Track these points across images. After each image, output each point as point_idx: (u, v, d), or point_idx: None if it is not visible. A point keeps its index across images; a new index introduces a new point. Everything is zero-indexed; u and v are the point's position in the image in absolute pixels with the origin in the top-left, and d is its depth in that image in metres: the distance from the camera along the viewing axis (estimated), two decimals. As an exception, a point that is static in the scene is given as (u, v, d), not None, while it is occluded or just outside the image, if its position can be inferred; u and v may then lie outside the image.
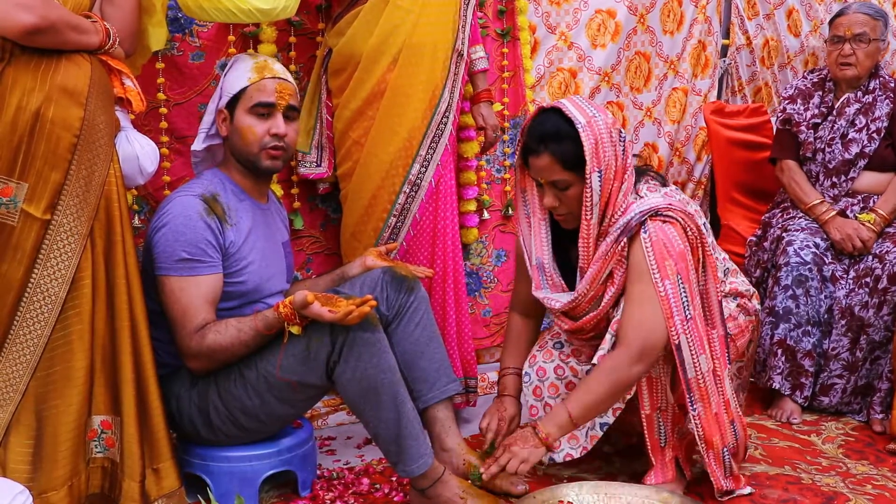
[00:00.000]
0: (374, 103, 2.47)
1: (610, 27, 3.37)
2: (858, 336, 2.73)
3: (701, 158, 3.80)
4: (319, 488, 2.22)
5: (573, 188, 2.06)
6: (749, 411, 2.80)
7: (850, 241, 2.81)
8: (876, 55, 3.01)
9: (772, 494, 2.19)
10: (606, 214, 2.08)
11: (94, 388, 1.90)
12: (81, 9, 1.88)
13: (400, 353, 2.16)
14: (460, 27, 2.53)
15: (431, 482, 2.01)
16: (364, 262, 2.35)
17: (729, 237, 3.38)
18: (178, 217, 2.03)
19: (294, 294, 1.95)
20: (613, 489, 2.01)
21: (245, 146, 2.13)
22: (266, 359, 2.02)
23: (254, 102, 2.12)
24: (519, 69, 3.11)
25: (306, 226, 2.77)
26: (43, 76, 1.78)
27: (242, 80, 2.14)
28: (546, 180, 2.08)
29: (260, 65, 2.16)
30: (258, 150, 2.13)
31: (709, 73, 3.77)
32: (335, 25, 2.51)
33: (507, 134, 3.12)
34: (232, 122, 2.15)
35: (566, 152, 2.02)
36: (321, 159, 2.65)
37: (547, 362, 2.28)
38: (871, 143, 2.97)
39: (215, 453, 2.12)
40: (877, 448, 2.54)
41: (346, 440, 2.60)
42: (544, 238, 2.22)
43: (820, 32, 3.88)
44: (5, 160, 1.77)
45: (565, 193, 2.08)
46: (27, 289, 1.81)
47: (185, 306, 2.01)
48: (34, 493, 1.76)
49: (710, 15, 3.71)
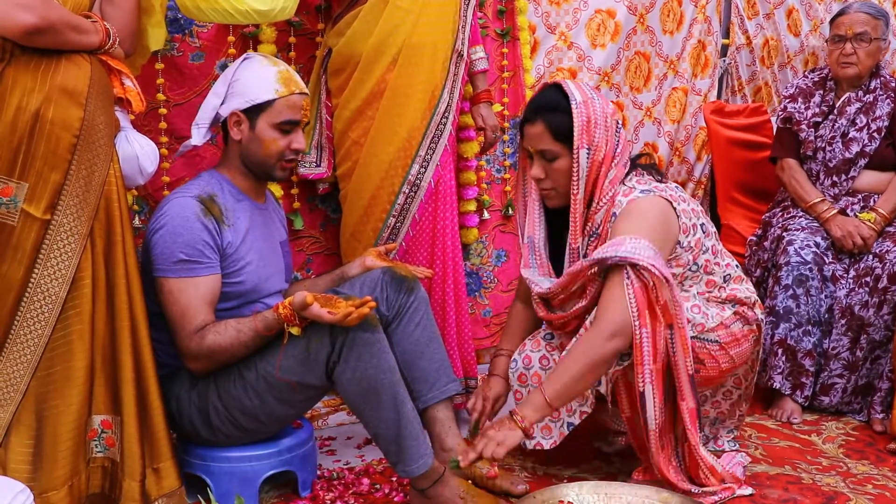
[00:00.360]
0: (373, 103, 2.47)
1: (610, 27, 3.37)
2: (859, 335, 2.73)
3: (701, 158, 3.80)
4: (319, 488, 2.22)
5: (560, 161, 2.12)
6: (749, 411, 2.79)
7: (850, 239, 2.81)
8: (877, 54, 3.02)
9: (772, 494, 2.19)
10: (594, 198, 2.13)
11: (95, 388, 1.90)
12: (81, 9, 1.88)
13: (400, 353, 2.16)
14: (460, 27, 2.53)
15: (431, 482, 2.01)
16: (364, 262, 2.35)
17: (729, 237, 3.37)
18: (176, 219, 2.03)
19: (293, 295, 1.95)
20: (613, 489, 2.01)
21: (265, 157, 2.14)
22: (266, 359, 2.02)
23: (282, 119, 2.11)
24: (519, 69, 3.11)
25: (306, 226, 2.77)
26: (43, 76, 1.78)
27: (269, 91, 2.10)
28: (535, 149, 2.14)
29: (285, 76, 2.13)
30: (276, 161, 2.14)
31: (709, 72, 3.77)
32: (335, 26, 2.51)
33: (506, 134, 3.12)
34: (252, 129, 2.12)
35: (558, 124, 2.09)
36: (321, 159, 2.65)
37: (534, 351, 2.32)
38: (872, 143, 2.97)
39: (215, 453, 2.12)
40: (877, 448, 2.54)
41: (347, 440, 2.60)
42: (537, 217, 2.27)
43: (820, 32, 3.88)
44: (5, 160, 1.77)
45: (552, 165, 2.13)
46: (27, 289, 1.81)
47: (183, 307, 2.01)
48: (34, 492, 1.75)
49: (709, 14, 3.71)
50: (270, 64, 2.16)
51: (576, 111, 2.08)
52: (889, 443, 2.53)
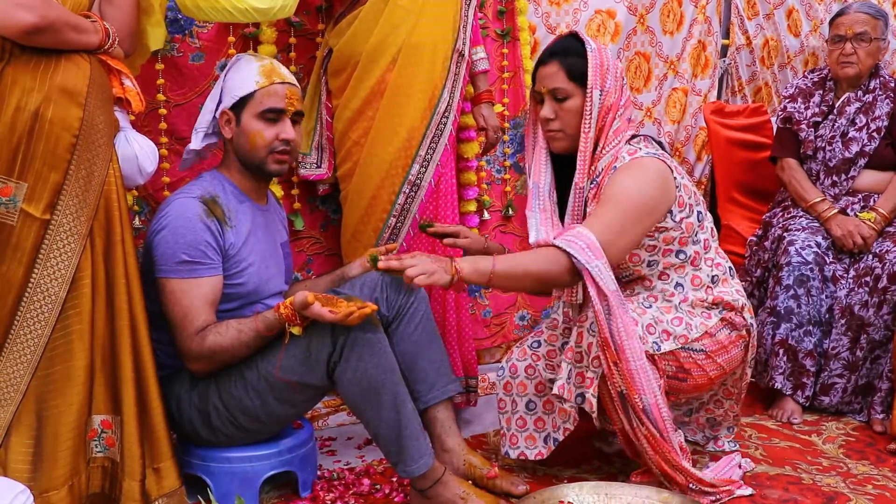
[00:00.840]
0: (373, 103, 2.47)
1: (609, 27, 3.38)
2: (858, 335, 2.73)
3: (701, 158, 3.80)
4: (320, 489, 2.22)
5: (571, 101, 2.16)
6: (750, 411, 2.80)
7: (851, 238, 2.81)
8: (877, 54, 3.02)
9: (772, 494, 2.19)
10: (598, 144, 2.17)
11: (95, 388, 1.90)
12: (80, 8, 1.88)
13: (400, 353, 2.16)
14: (461, 27, 2.52)
15: (432, 482, 2.00)
16: (364, 262, 2.35)
17: (729, 237, 3.37)
18: (178, 219, 2.03)
19: (294, 295, 1.95)
20: (614, 489, 2.01)
21: (253, 150, 2.13)
22: (266, 359, 2.02)
23: (263, 108, 2.11)
24: (519, 70, 3.11)
25: (307, 227, 2.77)
26: (42, 76, 1.78)
27: (250, 83, 2.12)
28: (548, 88, 2.17)
29: (267, 68, 2.15)
30: (266, 154, 2.13)
31: (709, 73, 3.77)
32: (336, 26, 2.51)
33: (507, 134, 3.12)
34: (238, 124, 2.14)
35: (573, 64, 2.15)
36: (321, 160, 2.65)
37: (520, 360, 2.33)
38: (872, 142, 2.97)
39: (216, 454, 2.12)
40: (877, 448, 2.53)
41: (347, 441, 2.60)
42: (543, 164, 2.28)
43: (820, 32, 3.88)
44: (4, 160, 1.77)
45: (562, 106, 2.16)
46: (27, 289, 1.81)
47: (185, 308, 2.01)
48: (35, 492, 1.76)
49: (709, 15, 3.71)
50: (255, 60, 2.18)
51: (591, 54, 2.14)
52: (889, 443, 2.53)
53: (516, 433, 2.31)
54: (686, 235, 2.16)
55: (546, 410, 2.29)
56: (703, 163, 3.80)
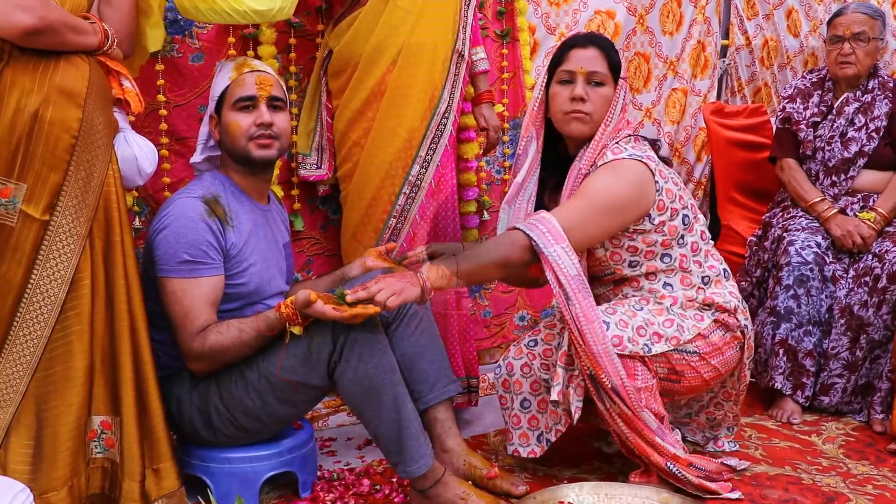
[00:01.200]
0: (373, 104, 2.47)
1: (609, 28, 3.38)
2: (858, 335, 2.72)
3: (701, 159, 3.80)
4: (320, 489, 2.22)
5: (604, 88, 2.18)
6: (749, 411, 2.80)
7: (850, 238, 2.81)
8: (875, 54, 3.02)
9: (772, 495, 2.19)
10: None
11: (94, 389, 1.90)
12: (79, 10, 1.88)
13: (400, 354, 2.16)
14: (461, 28, 2.53)
15: (432, 483, 2.01)
16: (364, 262, 2.34)
17: (729, 237, 3.38)
18: (180, 219, 2.03)
19: (296, 294, 1.95)
20: (614, 489, 2.01)
21: (233, 141, 2.14)
22: (267, 359, 2.02)
23: (235, 98, 2.14)
24: (518, 70, 3.12)
25: (307, 227, 2.77)
26: (41, 77, 1.78)
27: (224, 81, 2.17)
28: (588, 70, 2.18)
29: (238, 63, 2.19)
30: (246, 141, 2.14)
31: (708, 73, 3.77)
32: (336, 27, 2.51)
33: (507, 135, 3.12)
34: (220, 122, 2.17)
35: (611, 55, 2.20)
36: (321, 161, 2.65)
37: (516, 359, 2.34)
38: (870, 142, 2.98)
39: (216, 454, 2.12)
40: (877, 448, 2.53)
41: (347, 441, 2.60)
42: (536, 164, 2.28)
43: (819, 32, 3.88)
44: (4, 161, 1.77)
45: (596, 90, 2.18)
46: (27, 290, 1.81)
47: (186, 308, 2.01)
48: (34, 493, 1.75)
49: (709, 15, 3.71)
50: (231, 61, 2.22)
51: (621, 52, 2.22)
52: (889, 443, 2.53)
53: (511, 430, 2.31)
54: (669, 238, 2.16)
55: (540, 409, 2.29)
56: (702, 163, 3.80)
